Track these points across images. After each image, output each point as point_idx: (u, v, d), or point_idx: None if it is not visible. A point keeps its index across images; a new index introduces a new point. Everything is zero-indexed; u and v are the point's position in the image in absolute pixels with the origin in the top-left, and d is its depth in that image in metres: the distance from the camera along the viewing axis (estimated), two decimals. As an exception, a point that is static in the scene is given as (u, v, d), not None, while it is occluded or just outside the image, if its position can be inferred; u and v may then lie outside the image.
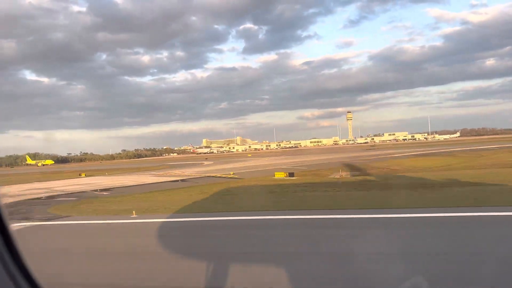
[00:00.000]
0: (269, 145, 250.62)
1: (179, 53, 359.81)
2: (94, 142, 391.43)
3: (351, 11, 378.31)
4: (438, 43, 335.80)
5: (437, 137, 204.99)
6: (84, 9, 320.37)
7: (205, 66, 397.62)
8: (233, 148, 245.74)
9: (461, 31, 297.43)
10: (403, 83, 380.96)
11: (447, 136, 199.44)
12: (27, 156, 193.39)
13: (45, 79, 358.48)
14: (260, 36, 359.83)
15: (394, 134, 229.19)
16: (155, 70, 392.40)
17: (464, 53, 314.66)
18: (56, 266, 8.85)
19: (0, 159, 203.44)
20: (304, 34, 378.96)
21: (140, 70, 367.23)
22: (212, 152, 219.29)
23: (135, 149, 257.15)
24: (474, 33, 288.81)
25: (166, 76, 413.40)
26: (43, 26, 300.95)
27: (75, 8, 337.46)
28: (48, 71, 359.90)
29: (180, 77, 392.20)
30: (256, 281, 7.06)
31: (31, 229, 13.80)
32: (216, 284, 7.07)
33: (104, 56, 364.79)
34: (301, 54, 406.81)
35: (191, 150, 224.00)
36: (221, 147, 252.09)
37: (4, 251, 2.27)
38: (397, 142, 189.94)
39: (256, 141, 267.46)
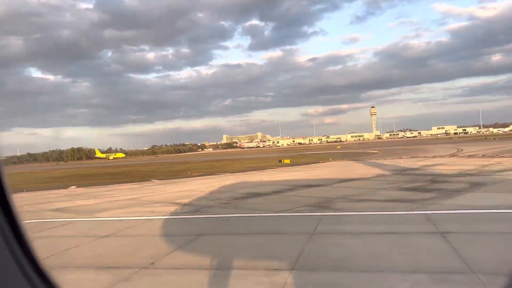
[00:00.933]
0: (311, 140, 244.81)
1: (185, 50, 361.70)
2: (98, 139, 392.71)
3: (357, 6, 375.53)
4: (444, 38, 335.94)
5: (492, 130, 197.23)
6: (91, 6, 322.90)
7: (210, 63, 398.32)
8: (278, 142, 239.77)
9: (468, 27, 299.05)
10: (408, 79, 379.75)
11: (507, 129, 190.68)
12: (96, 150, 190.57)
13: (50, 77, 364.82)
14: (266, 32, 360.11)
15: (443, 128, 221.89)
16: (160, 67, 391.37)
17: (470, 49, 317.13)
18: None
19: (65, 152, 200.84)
20: (310, 30, 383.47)
21: (145, 67, 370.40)
22: (258, 147, 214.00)
23: (164, 145, 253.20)
24: (481, 28, 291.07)
25: (171, 73, 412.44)
26: (50, 24, 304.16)
27: (83, 5, 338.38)
28: (54, 68, 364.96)
29: (184, 74, 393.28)
30: None
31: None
32: None
33: (109, 53, 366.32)
34: (306, 51, 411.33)
35: (239, 145, 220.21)
36: (264, 141, 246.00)
37: (16, 247, 2.13)
38: (456, 136, 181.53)
39: (288, 136, 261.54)
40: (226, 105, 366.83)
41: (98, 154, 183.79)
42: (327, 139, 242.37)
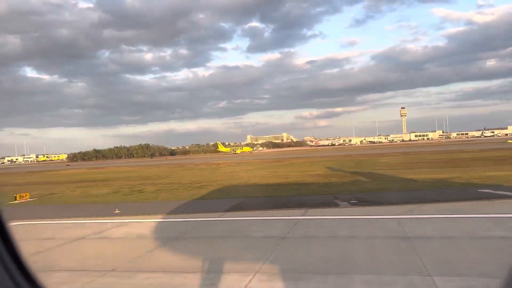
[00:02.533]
0: (350, 140, 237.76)
1: (183, 51, 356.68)
2: (90, 140, 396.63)
3: (358, 10, 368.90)
4: (441, 43, 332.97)
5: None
6: (91, 5, 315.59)
7: (208, 64, 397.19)
8: (350, 141, 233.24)
9: (465, 32, 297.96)
10: (404, 83, 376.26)
11: None
12: (219, 143, 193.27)
13: (45, 76, 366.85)
14: (266, 34, 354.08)
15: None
16: (157, 68, 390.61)
17: (466, 53, 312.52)
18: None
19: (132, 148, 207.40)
20: (310, 33, 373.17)
21: (142, 68, 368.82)
22: (333, 145, 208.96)
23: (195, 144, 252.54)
24: (478, 33, 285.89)
25: (168, 74, 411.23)
26: (49, 22, 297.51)
27: (83, 4, 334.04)
28: (50, 68, 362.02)
29: (181, 75, 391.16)
30: None
31: None
32: None
33: (107, 54, 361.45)
34: (304, 53, 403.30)
35: (314, 143, 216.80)
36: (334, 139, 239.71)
37: (2, 249, 2.19)
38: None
39: (322, 138, 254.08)
40: (221, 107, 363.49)
41: (222, 149, 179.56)
42: (385, 138, 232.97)
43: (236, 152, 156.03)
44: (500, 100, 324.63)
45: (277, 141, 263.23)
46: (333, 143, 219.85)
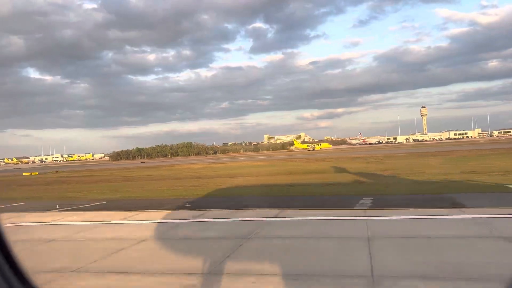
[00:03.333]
0: (395, 138, 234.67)
1: (186, 52, 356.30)
2: (91, 141, 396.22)
3: (361, 10, 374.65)
4: (444, 44, 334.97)
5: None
6: (95, 5, 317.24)
7: (210, 65, 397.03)
8: (394, 139, 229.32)
9: (468, 32, 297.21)
10: (405, 84, 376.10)
11: None
12: (295, 140, 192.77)
13: (48, 77, 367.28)
14: (269, 35, 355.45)
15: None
16: (160, 69, 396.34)
17: (468, 54, 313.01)
18: None
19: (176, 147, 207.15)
20: (313, 33, 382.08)
21: (144, 69, 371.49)
22: (380, 142, 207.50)
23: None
24: (481, 34, 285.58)
25: (171, 75, 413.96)
26: (54, 23, 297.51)
27: (87, 4, 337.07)
28: (53, 69, 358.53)
29: (184, 76, 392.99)
30: None
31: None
32: None
33: (110, 54, 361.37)
34: (307, 54, 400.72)
35: (361, 141, 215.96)
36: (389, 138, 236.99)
37: None
38: None
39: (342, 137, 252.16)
40: (222, 108, 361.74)
41: (298, 145, 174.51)
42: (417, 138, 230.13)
43: (315, 148, 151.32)
44: (502, 101, 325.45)
45: (299, 140, 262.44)
46: (380, 141, 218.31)
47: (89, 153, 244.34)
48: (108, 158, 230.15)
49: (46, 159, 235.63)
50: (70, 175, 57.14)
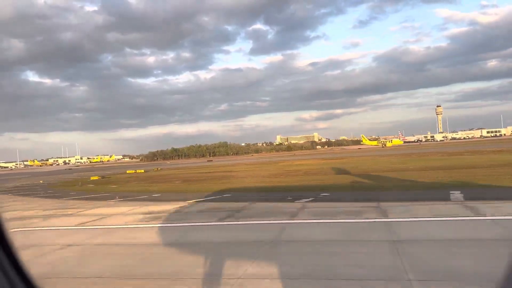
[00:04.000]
0: (433, 137, 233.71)
1: (186, 54, 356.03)
2: (89, 144, 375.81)
3: (362, 11, 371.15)
4: (444, 44, 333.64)
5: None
6: (96, 8, 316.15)
7: (210, 67, 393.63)
8: (431, 137, 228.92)
9: (468, 32, 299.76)
10: (405, 84, 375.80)
11: None
12: (363, 136, 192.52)
13: (47, 80, 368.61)
14: (269, 36, 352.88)
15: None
16: (159, 71, 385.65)
17: (468, 54, 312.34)
18: None
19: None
20: (313, 34, 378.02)
21: (144, 72, 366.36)
22: (420, 141, 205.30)
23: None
24: (480, 34, 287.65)
25: (170, 77, 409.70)
26: (54, 26, 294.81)
27: (88, 7, 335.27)
28: (52, 72, 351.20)
29: (183, 78, 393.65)
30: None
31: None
32: None
33: (110, 57, 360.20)
34: (306, 55, 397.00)
35: (402, 139, 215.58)
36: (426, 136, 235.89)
37: (0, 252, 2.16)
38: None
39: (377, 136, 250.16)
40: (221, 110, 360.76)
41: (367, 142, 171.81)
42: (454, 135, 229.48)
43: (387, 145, 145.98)
44: (500, 100, 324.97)
45: (311, 141, 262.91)
46: (419, 139, 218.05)
47: (109, 155, 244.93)
48: (128, 159, 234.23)
49: (70, 161, 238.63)
50: (176, 173, 56.91)
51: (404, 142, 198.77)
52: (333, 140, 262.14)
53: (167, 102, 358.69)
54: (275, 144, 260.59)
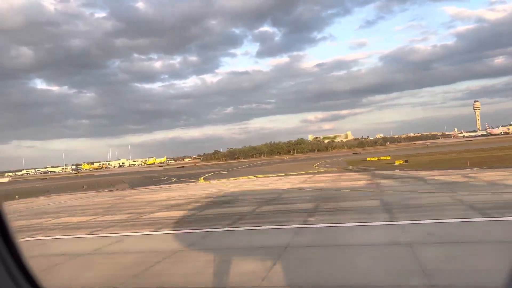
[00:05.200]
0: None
1: (192, 58, 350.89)
2: (96, 150, 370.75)
3: (368, 11, 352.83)
4: (450, 42, 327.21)
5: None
6: (104, 14, 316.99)
7: (216, 70, 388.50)
8: None
9: (475, 29, 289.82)
10: (411, 83, 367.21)
11: None
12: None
13: (55, 88, 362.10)
14: (276, 38, 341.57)
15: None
16: (166, 76, 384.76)
17: (474, 51, 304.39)
18: None
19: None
20: (319, 35, 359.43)
21: (151, 76, 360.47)
22: (507, 133, 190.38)
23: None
24: (487, 31, 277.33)
25: (176, 82, 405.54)
26: (63, 33, 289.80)
27: (96, 13, 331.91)
28: (60, 79, 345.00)
29: (190, 82, 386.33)
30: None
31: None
32: None
33: (117, 63, 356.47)
34: (312, 56, 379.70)
35: (488, 131, 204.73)
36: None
37: (3, 250, 2.18)
38: None
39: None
40: (226, 113, 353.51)
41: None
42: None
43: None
44: (506, 98, 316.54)
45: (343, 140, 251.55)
46: (506, 131, 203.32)
47: (164, 157, 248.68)
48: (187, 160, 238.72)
49: (124, 163, 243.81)
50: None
51: (491, 134, 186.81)
52: (370, 138, 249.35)
53: (173, 106, 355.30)
54: (343, 140, 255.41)
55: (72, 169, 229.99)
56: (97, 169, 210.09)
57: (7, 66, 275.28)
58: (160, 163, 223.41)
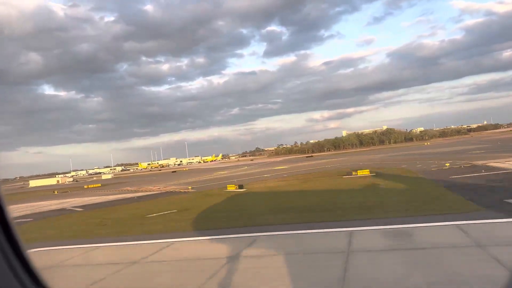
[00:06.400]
0: None
1: (200, 60, 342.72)
2: (103, 155, 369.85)
3: (376, 7, 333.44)
4: (458, 36, 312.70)
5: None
6: (113, 18, 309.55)
7: (223, 71, 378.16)
8: None
9: (484, 23, 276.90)
10: (418, 79, 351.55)
11: None
12: None
13: (62, 93, 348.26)
14: (284, 38, 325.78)
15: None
16: (173, 78, 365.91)
17: (483, 45, 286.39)
18: None
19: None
20: (327, 34, 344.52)
21: (158, 79, 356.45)
22: None
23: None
24: (496, 24, 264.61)
25: (183, 84, 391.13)
26: (72, 38, 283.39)
27: (105, 17, 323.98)
28: (68, 84, 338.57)
29: (196, 84, 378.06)
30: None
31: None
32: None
33: (125, 66, 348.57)
34: (319, 55, 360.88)
35: None
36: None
37: (6, 247, 2.19)
38: None
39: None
40: (232, 114, 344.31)
41: None
42: None
43: None
44: None
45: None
46: None
47: (220, 155, 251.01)
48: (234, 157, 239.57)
49: (181, 161, 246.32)
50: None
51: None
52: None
53: (179, 109, 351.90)
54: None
55: (122, 169, 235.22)
56: (162, 167, 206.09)
57: (16, 72, 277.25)
58: (215, 160, 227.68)
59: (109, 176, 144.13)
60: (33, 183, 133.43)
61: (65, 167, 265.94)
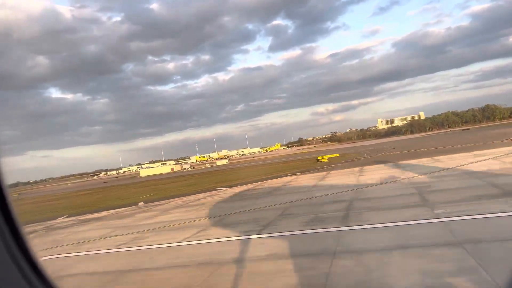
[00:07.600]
0: None
1: (205, 57, 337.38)
2: (109, 156, 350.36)
3: None
4: (465, 23, 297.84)
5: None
6: (119, 18, 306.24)
7: (229, 68, 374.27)
8: None
9: (490, 8, 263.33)
10: (424, 68, 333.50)
11: None
12: None
13: (69, 96, 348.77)
14: (289, 31, 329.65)
15: None
16: (179, 77, 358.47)
17: (489, 31, 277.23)
18: None
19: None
20: (333, 25, 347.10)
21: (164, 78, 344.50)
22: None
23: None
24: (504, 8, 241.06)
25: (189, 82, 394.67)
26: (79, 40, 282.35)
27: (112, 18, 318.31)
28: (74, 86, 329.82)
29: (202, 82, 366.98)
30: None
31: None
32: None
33: (131, 66, 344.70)
34: (325, 48, 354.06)
35: None
36: None
37: (15, 249, 2.18)
38: None
39: None
40: (238, 111, 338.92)
41: None
42: None
43: None
44: None
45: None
46: None
47: (278, 143, 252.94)
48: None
49: (243, 152, 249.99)
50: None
51: None
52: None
53: (184, 107, 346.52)
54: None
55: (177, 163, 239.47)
56: (221, 158, 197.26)
57: (24, 76, 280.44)
58: (276, 149, 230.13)
59: (225, 162, 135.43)
60: (143, 172, 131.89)
61: (75, 169, 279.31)
